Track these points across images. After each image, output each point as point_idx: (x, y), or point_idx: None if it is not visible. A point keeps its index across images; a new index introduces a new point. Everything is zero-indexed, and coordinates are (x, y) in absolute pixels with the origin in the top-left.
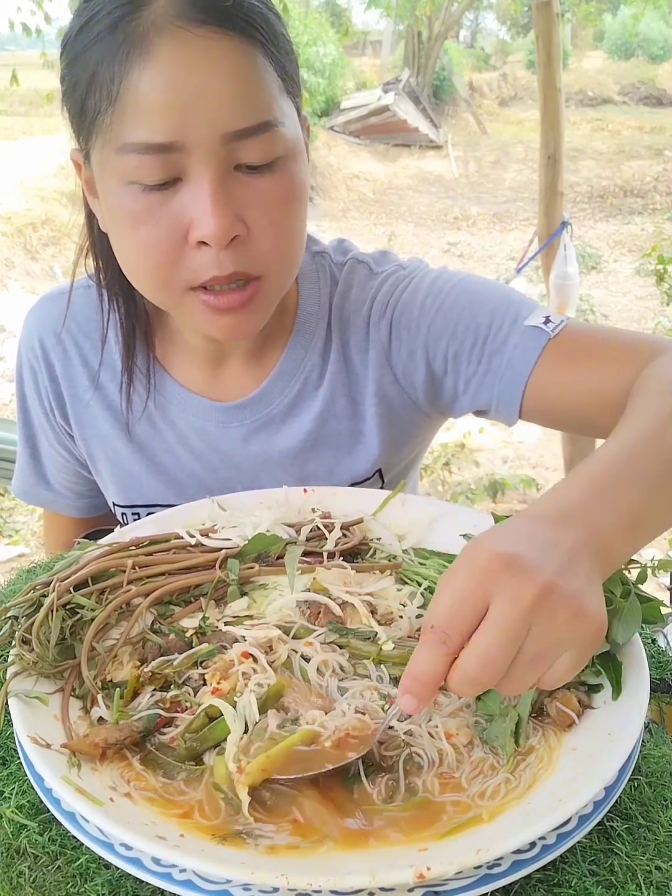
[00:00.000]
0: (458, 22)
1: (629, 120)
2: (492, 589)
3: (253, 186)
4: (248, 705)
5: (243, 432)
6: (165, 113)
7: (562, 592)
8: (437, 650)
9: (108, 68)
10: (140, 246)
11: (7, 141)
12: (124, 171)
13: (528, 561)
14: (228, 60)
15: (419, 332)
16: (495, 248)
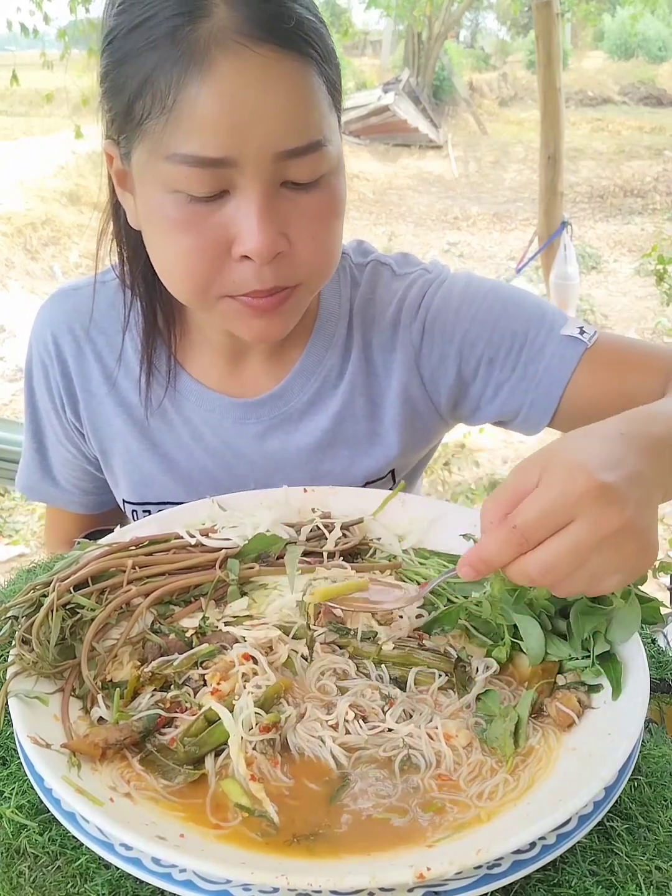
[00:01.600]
0: (458, 22)
1: (629, 120)
2: (580, 510)
3: (298, 202)
4: (246, 708)
5: (260, 429)
6: (221, 129)
7: (636, 529)
8: (511, 547)
9: (165, 77)
10: (181, 254)
11: (7, 141)
12: (171, 179)
13: (618, 494)
14: (286, 80)
15: (454, 338)
16: (495, 248)
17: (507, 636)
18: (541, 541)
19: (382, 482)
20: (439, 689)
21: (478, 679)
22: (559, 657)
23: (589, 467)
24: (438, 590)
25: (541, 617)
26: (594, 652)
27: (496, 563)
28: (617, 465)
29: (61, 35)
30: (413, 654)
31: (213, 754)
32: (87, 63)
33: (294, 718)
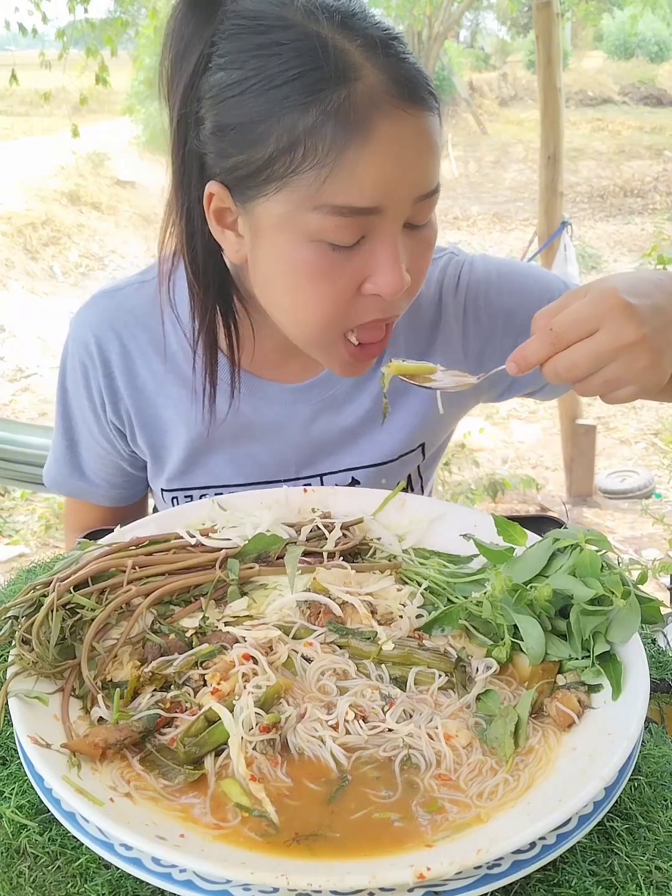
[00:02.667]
0: (458, 22)
1: (629, 120)
2: (605, 321)
3: (414, 240)
4: (246, 708)
5: (309, 412)
6: (379, 184)
7: (650, 346)
8: (546, 346)
9: (322, 139)
10: (316, 299)
11: (7, 141)
12: (317, 229)
13: (638, 313)
14: (429, 135)
15: (495, 312)
16: (495, 248)
17: (507, 636)
18: (570, 343)
19: (413, 454)
20: (439, 689)
21: (478, 679)
22: (559, 657)
23: (620, 290)
24: (438, 590)
25: (541, 617)
26: (594, 652)
27: (534, 359)
28: (644, 295)
29: (60, 35)
30: (413, 654)
31: (213, 754)
32: (85, 63)
33: (294, 718)
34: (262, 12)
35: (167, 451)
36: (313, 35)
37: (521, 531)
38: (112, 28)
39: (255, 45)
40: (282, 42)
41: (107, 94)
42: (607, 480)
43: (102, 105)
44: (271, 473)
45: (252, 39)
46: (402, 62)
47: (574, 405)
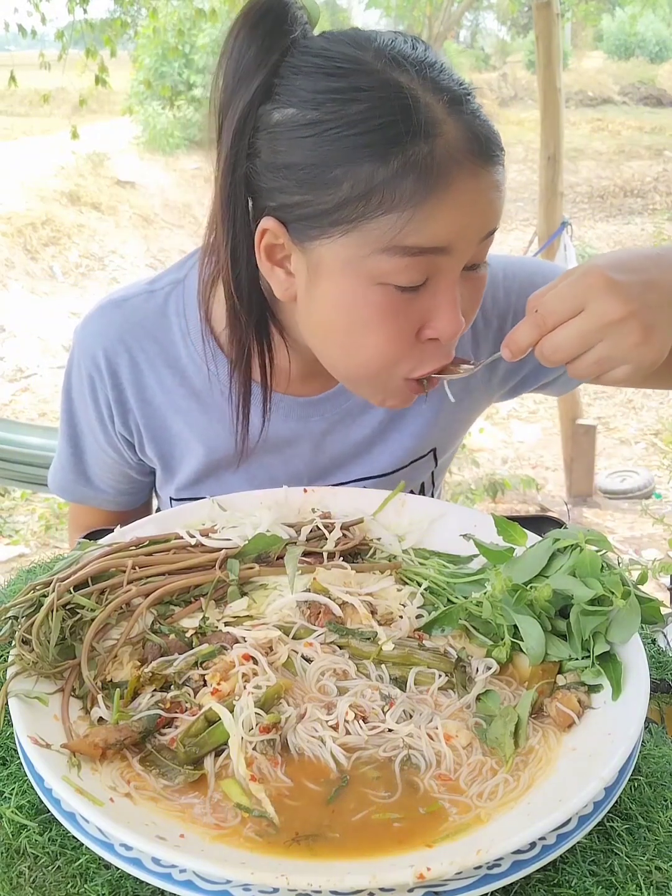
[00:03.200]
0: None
1: (629, 120)
2: (589, 299)
3: (470, 282)
4: (246, 708)
5: (324, 425)
6: (450, 229)
7: (640, 323)
8: (533, 328)
9: (399, 190)
10: (378, 342)
11: (7, 141)
12: (383, 272)
13: (626, 289)
14: (499, 185)
15: (506, 312)
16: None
17: (507, 636)
18: (556, 324)
19: (424, 460)
20: (439, 690)
21: (478, 679)
22: (559, 657)
23: (604, 267)
24: (438, 590)
25: (541, 617)
26: (594, 652)
27: (523, 343)
28: (634, 271)
29: (59, 36)
30: (413, 654)
31: (213, 754)
32: (85, 63)
33: (294, 719)
34: (340, 53)
35: (178, 462)
36: (395, 84)
37: (521, 531)
38: (111, 28)
39: (332, 88)
40: (362, 88)
41: (107, 94)
42: (607, 480)
43: (102, 105)
44: (282, 485)
45: (329, 82)
46: (477, 118)
47: (574, 405)
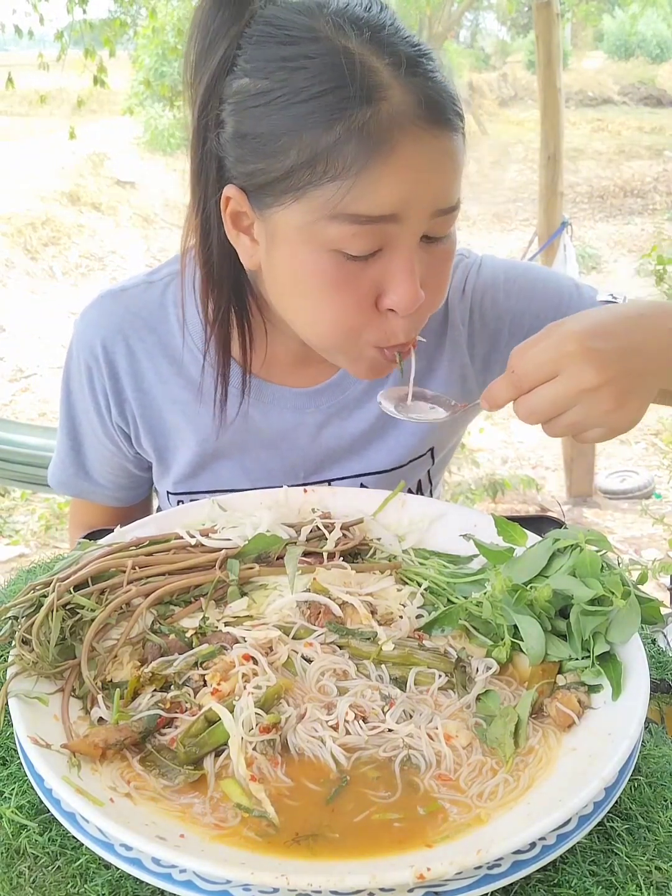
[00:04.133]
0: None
1: (629, 120)
2: (564, 366)
3: (431, 255)
4: (246, 709)
5: (319, 418)
6: (396, 194)
7: (615, 390)
8: (510, 387)
9: (344, 156)
10: (333, 310)
11: (7, 141)
12: (333, 238)
13: (603, 356)
14: (452, 153)
15: (503, 314)
16: (495, 248)
17: (507, 636)
18: (532, 386)
19: (422, 459)
20: (439, 690)
21: (478, 679)
22: (559, 657)
23: (581, 334)
24: (438, 590)
25: (541, 617)
26: (594, 652)
27: (500, 400)
28: (613, 336)
29: (58, 37)
30: (413, 654)
31: (213, 755)
32: (84, 64)
33: (294, 719)
34: (291, 22)
35: (173, 454)
36: (341, 51)
37: (520, 531)
38: (110, 29)
39: (281, 56)
40: (309, 56)
41: (106, 94)
42: (607, 481)
43: (102, 105)
44: (279, 479)
45: (279, 50)
46: (429, 81)
47: None
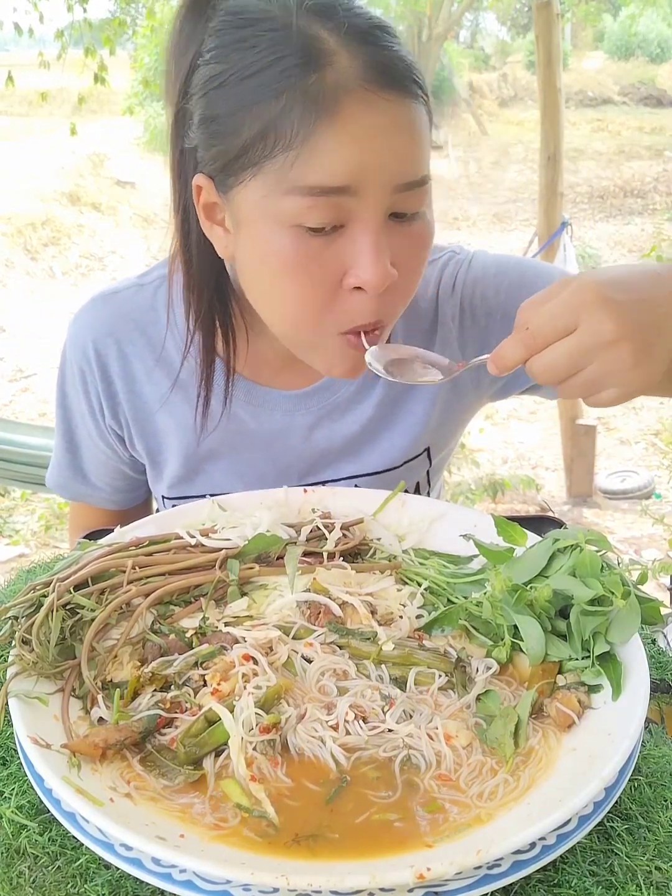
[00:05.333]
0: (458, 22)
1: (629, 120)
2: (583, 318)
3: (401, 234)
4: (246, 709)
5: (309, 420)
6: (347, 162)
7: (634, 344)
8: (523, 346)
9: (291, 123)
10: (296, 289)
11: (7, 141)
12: (291, 213)
13: (621, 308)
14: (407, 119)
15: (491, 310)
16: (495, 248)
17: (507, 636)
18: (547, 343)
19: (418, 460)
20: (439, 690)
21: (478, 679)
22: (559, 657)
23: (599, 283)
24: (438, 590)
25: (541, 617)
26: (594, 652)
27: (510, 360)
28: (631, 289)
29: (58, 36)
30: (413, 654)
31: (213, 755)
32: (84, 63)
33: (294, 719)
34: (246, 7)
35: (165, 457)
36: (289, 25)
37: (520, 531)
38: (110, 28)
39: (236, 39)
40: (260, 34)
41: (107, 94)
42: (607, 481)
43: (102, 105)
44: (272, 482)
45: (235, 34)
46: (383, 49)
47: (574, 405)
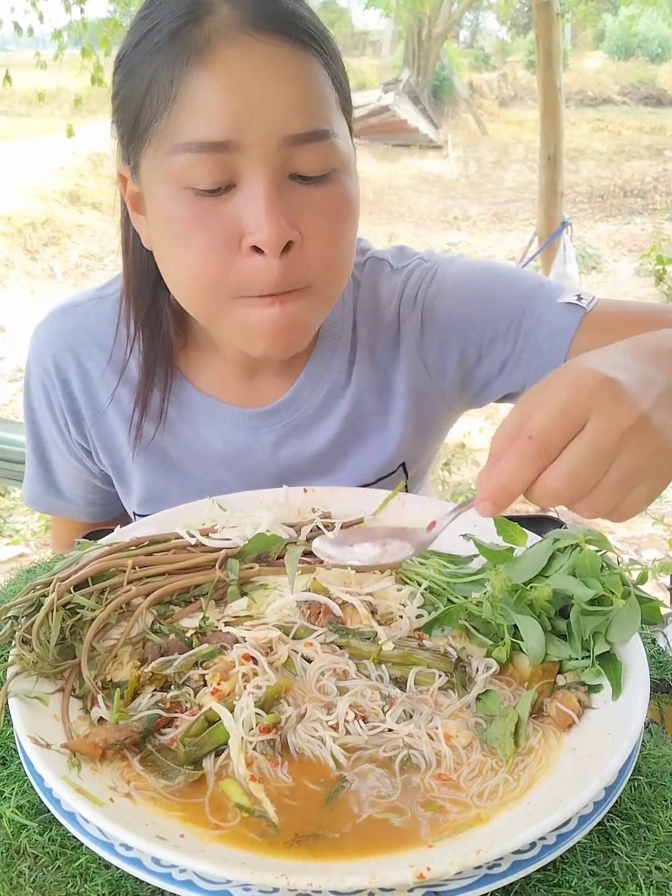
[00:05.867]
0: (458, 22)
1: (629, 120)
2: (592, 408)
3: (307, 196)
4: (246, 708)
5: (273, 438)
6: (224, 112)
7: (654, 425)
8: (530, 462)
9: (167, 73)
10: (192, 252)
11: (7, 141)
12: (178, 173)
13: (629, 389)
14: (290, 66)
15: (451, 322)
16: (495, 248)
17: (507, 636)
18: (561, 448)
19: (394, 477)
20: (439, 690)
21: (478, 679)
22: (559, 657)
23: (597, 368)
24: (438, 590)
25: (541, 617)
26: (594, 652)
27: (517, 487)
28: (623, 369)
29: (56, 36)
30: (413, 654)
31: (213, 754)
32: (82, 63)
33: (294, 719)
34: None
35: (130, 473)
36: None
37: (520, 531)
38: (107, 28)
39: (141, 17)
40: (157, 5)
41: (106, 94)
42: None
43: (102, 105)
44: None
45: (141, 13)
46: (268, 1)
47: None
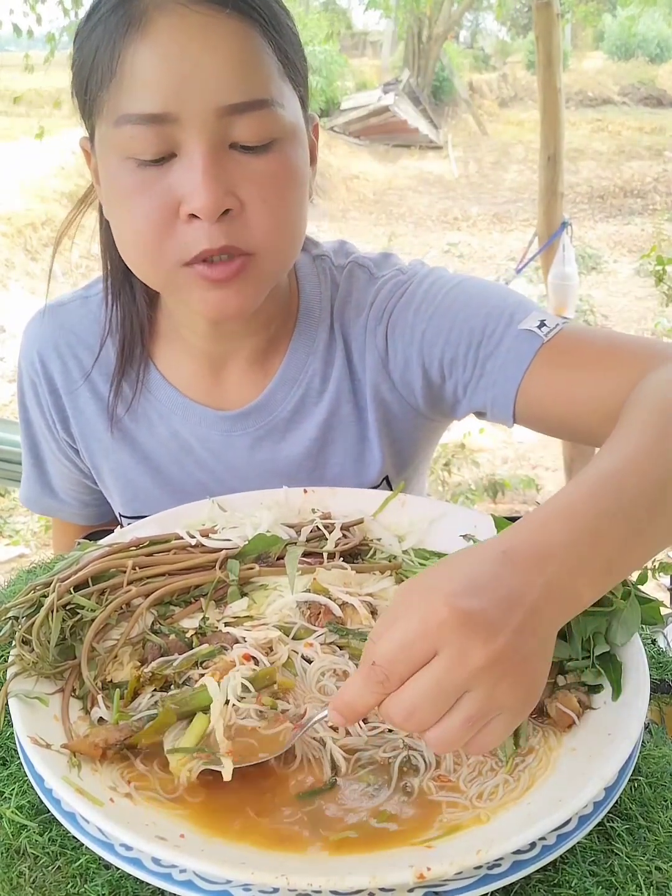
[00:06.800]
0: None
1: (629, 120)
2: (441, 642)
3: (247, 164)
4: (233, 680)
5: (248, 441)
6: (161, 84)
7: (511, 659)
8: (372, 687)
9: (108, 45)
10: (133, 220)
11: (7, 141)
12: (121, 144)
13: (485, 620)
14: (226, 37)
15: (413, 339)
16: (495, 248)
17: None
18: (404, 678)
19: (378, 490)
20: None
21: None
22: (559, 658)
23: (448, 592)
24: None
25: None
26: (594, 652)
27: (360, 708)
28: (486, 589)
29: (50, 39)
30: None
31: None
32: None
33: (294, 719)
34: None
35: (108, 475)
36: None
37: None
38: None
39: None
40: None
41: None
42: None
43: None
44: None
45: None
46: None
47: None
